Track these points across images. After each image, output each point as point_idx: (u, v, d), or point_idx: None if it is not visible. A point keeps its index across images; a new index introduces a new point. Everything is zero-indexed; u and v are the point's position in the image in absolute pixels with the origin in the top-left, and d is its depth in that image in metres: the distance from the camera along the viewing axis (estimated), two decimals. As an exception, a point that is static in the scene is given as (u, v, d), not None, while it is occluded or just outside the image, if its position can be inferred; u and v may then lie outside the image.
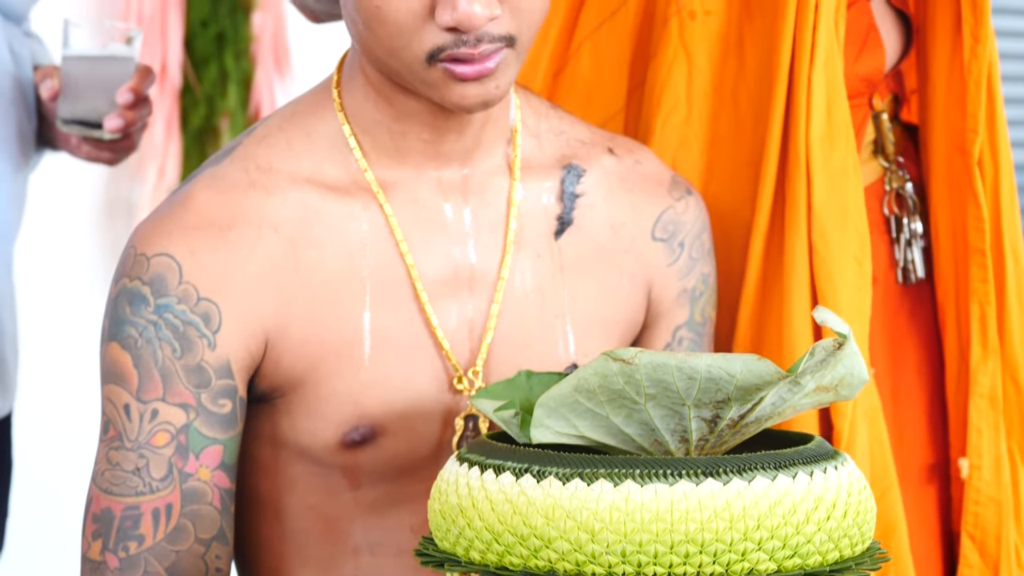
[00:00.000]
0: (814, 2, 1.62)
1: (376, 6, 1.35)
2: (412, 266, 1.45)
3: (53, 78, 2.01)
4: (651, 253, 1.54)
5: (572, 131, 1.55)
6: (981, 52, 1.70)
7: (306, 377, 1.43)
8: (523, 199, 1.49)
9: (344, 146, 1.46)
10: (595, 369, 1.20)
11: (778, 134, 1.63)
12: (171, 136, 3.45)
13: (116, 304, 1.42)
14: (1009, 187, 1.74)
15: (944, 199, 1.75)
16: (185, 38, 3.48)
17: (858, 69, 1.72)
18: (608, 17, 1.72)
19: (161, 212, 1.44)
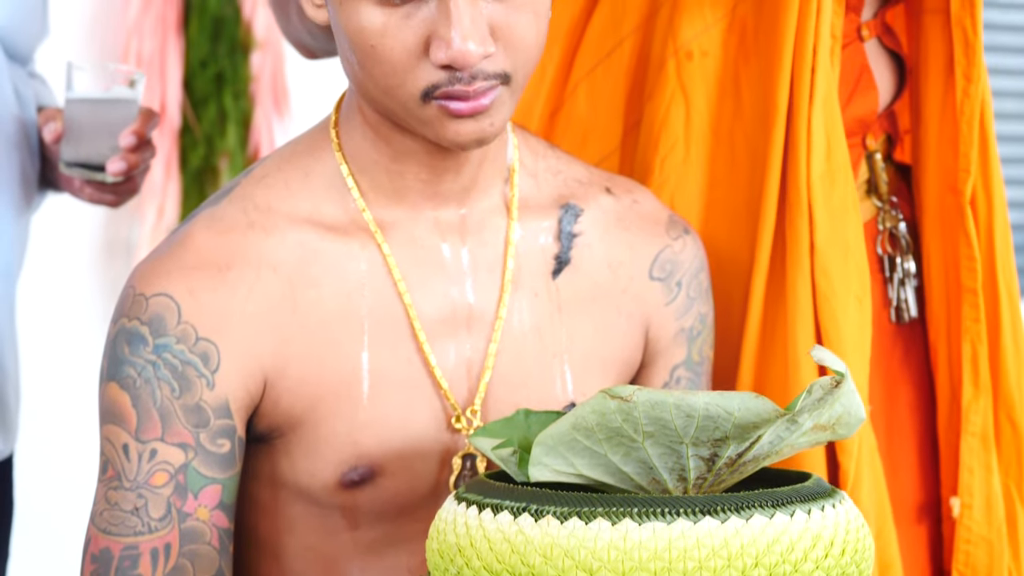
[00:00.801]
0: (811, 43, 1.63)
1: (371, 45, 1.36)
2: (410, 306, 1.45)
3: (56, 121, 2.02)
4: (648, 292, 1.54)
5: (570, 170, 1.56)
6: (973, 92, 1.71)
7: (305, 417, 1.43)
8: (521, 238, 1.50)
9: (342, 186, 1.47)
10: (593, 407, 1.20)
11: (777, 173, 1.64)
12: (170, 176, 3.46)
13: (115, 344, 1.42)
14: (1003, 226, 1.75)
15: (937, 238, 1.75)
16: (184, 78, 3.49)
17: (852, 109, 1.73)
18: (604, 58, 1.73)
19: (160, 252, 1.44)
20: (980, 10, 1.71)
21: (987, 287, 1.73)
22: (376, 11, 1.35)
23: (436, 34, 1.34)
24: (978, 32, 1.71)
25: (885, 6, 1.78)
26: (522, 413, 1.39)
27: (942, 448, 1.75)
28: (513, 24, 1.36)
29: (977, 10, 1.71)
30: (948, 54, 1.73)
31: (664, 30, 1.69)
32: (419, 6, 1.34)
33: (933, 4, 1.74)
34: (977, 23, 1.71)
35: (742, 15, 1.67)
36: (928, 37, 1.75)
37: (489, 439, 1.35)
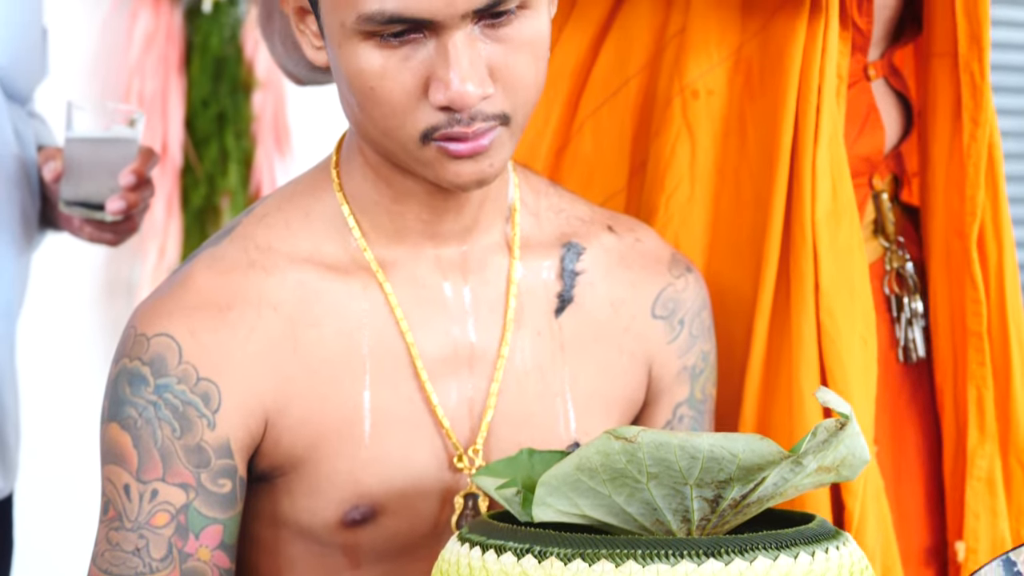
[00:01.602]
0: (816, 83, 1.63)
1: (370, 87, 1.36)
2: (412, 344, 1.45)
3: (56, 160, 2.02)
4: (651, 331, 1.54)
5: (572, 209, 1.56)
6: (980, 136, 1.71)
7: (306, 456, 1.43)
8: (523, 277, 1.50)
9: (343, 226, 1.47)
10: (597, 448, 1.20)
11: (781, 213, 1.64)
12: (172, 215, 3.46)
13: (116, 384, 1.42)
14: (1013, 268, 1.75)
15: (943, 281, 1.75)
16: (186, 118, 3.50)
17: (858, 149, 1.73)
18: (610, 97, 1.73)
19: (161, 292, 1.44)
20: (988, 54, 1.71)
21: (997, 330, 1.73)
22: (375, 53, 1.35)
23: (435, 76, 1.34)
24: (985, 76, 1.71)
25: (892, 47, 1.78)
26: (526, 452, 1.39)
27: (948, 492, 1.75)
28: (512, 65, 1.36)
29: (985, 54, 1.71)
30: (956, 97, 1.73)
31: (670, 69, 1.69)
32: (417, 48, 1.35)
33: (941, 47, 1.74)
34: (985, 67, 1.71)
35: (748, 54, 1.68)
36: (936, 80, 1.75)
37: (492, 478, 1.35)
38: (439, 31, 1.33)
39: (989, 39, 1.71)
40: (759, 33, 1.67)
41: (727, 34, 1.68)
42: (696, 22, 1.68)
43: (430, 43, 1.34)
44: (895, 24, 1.79)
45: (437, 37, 1.34)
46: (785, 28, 1.65)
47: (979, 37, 1.71)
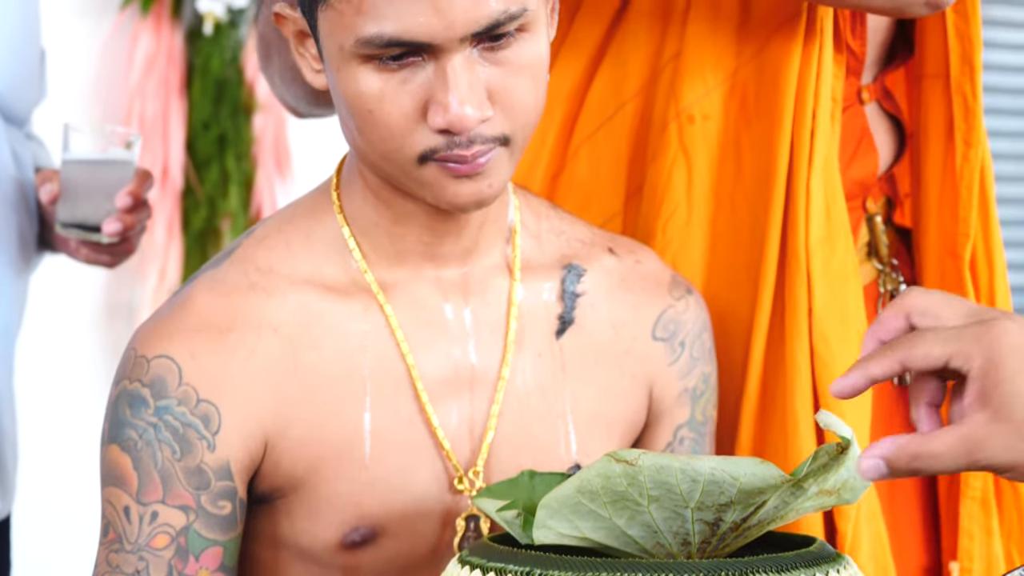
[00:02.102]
0: (811, 107, 1.64)
1: (369, 110, 1.36)
2: (412, 366, 1.45)
3: (52, 182, 2.02)
4: (652, 353, 1.54)
5: (572, 231, 1.56)
6: (973, 156, 1.72)
7: (306, 478, 1.43)
8: (523, 299, 1.50)
9: (343, 247, 1.47)
10: (598, 470, 1.20)
11: (777, 237, 1.64)
12: (172, 238, 3.47)
13: (116, 406, 1.41)
14: (1004, 291, 1.75)
15: None
16: (187, 140, 3.50)
17: (852, 173, 1.73)
18: (606, 121, 1.74)
19: (161, 314, 1.44)
20: (980, 75, 1.72)
21: None
22: (373, 76, 1.35)
23: (433, 99, 1.34)
24: (978, 97, 1.72)
25: (885, 70, 1.79)
26: (526, 474, 1.39)
27: (942, 512, 1.75)
28: (511, 87, 1.36)
29: (977, 75, 1.72)
30: (948, 119, 1.73)
31: (666, 94, 1.70)
32: (416, 71, 1.35)
33: (933, 69, 1.75)
34: (977, 88, 1.72)
35: (743, 79, 1.68)
36: (928, 101, 1.76)
37: (493, 500, 1.35)
38: (438, 54, 1.34)
39: (981, 61, 1.72)
40: (754, 57, 1.67)
41: (722, 58, 1.68)
42: (691, 47, 1.68)
43: (429, 66, 1.34)
44: (887, 47, 1.80)
45: (436, 60, 1.34)
46: (780, 52, 1.65)
47: (971, 58, 1.72)
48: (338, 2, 1.34)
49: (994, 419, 1.13)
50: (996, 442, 1.13)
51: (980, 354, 1.14)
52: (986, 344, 1.14)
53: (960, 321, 1.17)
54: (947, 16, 1.72)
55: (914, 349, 1.16)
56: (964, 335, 1.15)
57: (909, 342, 1.17)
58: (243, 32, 3.52)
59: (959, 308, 1.18)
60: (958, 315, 1.18)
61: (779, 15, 1.66)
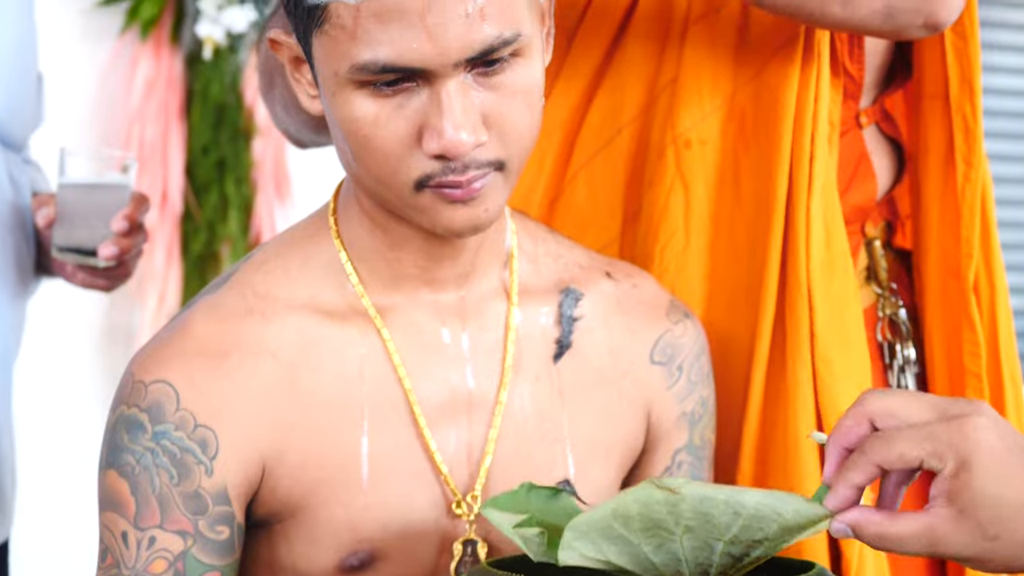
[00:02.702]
0: (810, 131, 1.64)
1: (364, 135, 1.36)
2: (410, 391, 1.45)
3: (49, 206, 2.02)
4: (650, 376, 1.54)
5: (570, 255, 1.56)
6: (974, 177, 1.72)
7: (304, 502, 1.43)
8: (521, 323, 1.50)
9: (341, 272, 1.47)
10: (637, 496, 1.19)
11: (777, 261, 1.64)
12: (172, 262, 3.47)
13: (114, 431, 1.41)
14: (1005, 311, 1.75)
15: (939, 323, 1.75)
16: (186, 164, 3.50)
17: (850, 197, 1.73)
18: (603, 147, 1.74)
19: (159, 339, 1.44)
20: (980, 96, 1.73)
21: (991, 373, 1.73)
22: (368, 101, 1.35)
23: (428, 124, 1.34)
24: (978, 117, 1.72)
25: (884, 93, 1.79)
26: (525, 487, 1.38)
27: None
28: (505, 112, 1.36)
29: (977, 96, 1.72)
30: (948, 139, 1.73)
31: (663, 119, 1.70)
32: (411, 96, 1.35)
33: (932, 90, 1.75)
34: (977, 108, 1.72)
35: (740, 103, 1.68)
36: (927, 122, 1.76)
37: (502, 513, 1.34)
38: (432, 80, 1.34)
39: (980, 81, 1.72)
40: (752, 81, 1.68)
41: (719, 83, 1.68)
42: (688, 71, 1.68)
43: (423, 91, 1.35)
44: (886, 69, 1.80)
45: (430, 86, 1.34)
46: (778, 76, 1.66)
47: (970, 79, 1.72)
48: (332, 28, 1.34)
49: (958, 517, 1.16)
50: (958, 538, 1.16)
51: (954, 455, 1.16)
52: (962, 445, 1.16)
53: (927, 417, 1.19)
54: (946, 37, 1.72)
55: (890, 451, 1.17)
56: (938, 435, 1.17)
57: (883, 444, 1.18)
58: (242, 57, 3.53)
59: (922, 405, 1.20)
60: (923, 412, 1.19)
61: (777, 39, 1.66)
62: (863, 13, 1.57)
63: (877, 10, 1.57)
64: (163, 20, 3.51)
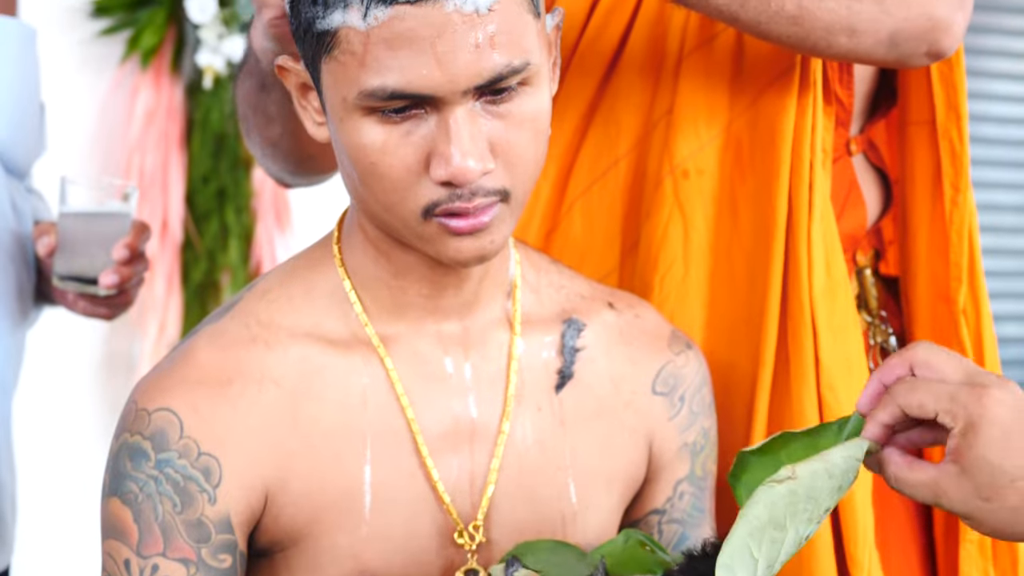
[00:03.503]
0: (808, 158, 1.64)
1: (371, 162, 1.36)
2: (413, 420, 1.45)
3: (50, 235, 2.03)
4: (652, 407, 1.54)
5: (572, 285, 1.56)
6: (962, 202, 1.73)
7: (306, 531, 1.43)
8: (524, 353, 1.50)
9: (344, 301, 1.47)
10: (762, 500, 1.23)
11: (778, 289, 1.64)
12: (172, 291, 3.47)
13: (117, 459, 1.42)
14: (990, 337, 1.76)
15: None
16: (186, 193, 3.51)
17: (842, 226, 1.74)
18: (599, 177, 1.74)
19: (162, 368, 1.45)
20: (966, 121, 1.73)
21: None
22: (376, 128, 1.35)
23: (436, 151, 1.34)
24: (964, 142, 1.73)
25: (870, 122, 1.80)
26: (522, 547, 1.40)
27: (940, 557, 1.75)
28: (513, 141, 1.37)
29: (963, 121, 1.73)
30: (935, 164, 1.74)
31: (659, 149, 1.70)
32: (419, 123, 1.35)
33: (918, 115, 1.76)
34: (963, 133, 1.73)
35: (736, 132, 1.69)
36: (914, 148, 1.77)
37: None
38: (440, 107, 1.34)
39: (966, 106, 1.73)
40: (748, 110, 1.68)
41: (715, 112, 1.69)
42: (684, 101, 1.69)
43: (431, 119, 1.35)
44: (871, 98, 1.81)
45: (438, 113, 1.34)
46: (775, 104, 1.66)
47: (956, 104, 1.73)
48: (342, 54, 1.34)
49: (960, 475, 1.25)
50: (957, 494, 1.26)
51: (965, 418, 1.25)
52: (974, 410, 1.25)
53: (959, 379, 1.28)
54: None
55: (911, 397, 1.28)
56: (957, 396, 1.26)
57: (908, 389, 1.29)
58: (243, 86, 3.53)
59: (959, 366, 1.29)
60: (957, 373, 1.28)
61: (773, 68, 1.67)
62: (868, 43, 1.58)
63: (882, 40, 1.58)
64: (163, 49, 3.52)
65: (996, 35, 4.54)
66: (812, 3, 1.55)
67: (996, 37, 4.55)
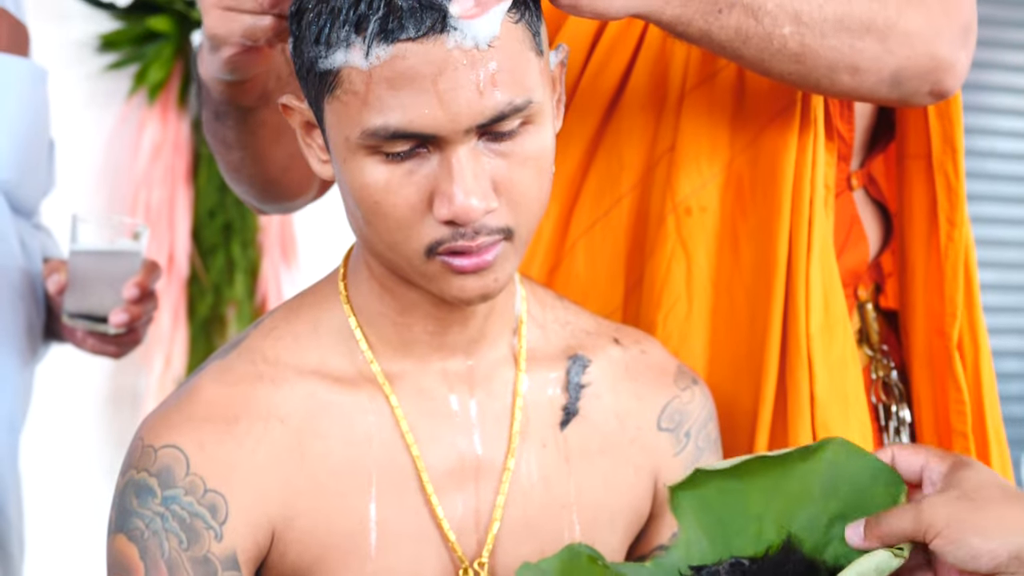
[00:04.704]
0: (808, 195, 1.64)
1: (375, 201, 1.37)
2: (418, 457, 1.45)
3: (60, 272, 2.03)
4: (657, 443, 1.54)
5: (578, 321, 1.56)
6: (957, 236, 1.73)
7: (312, 568, 1.43)
8: (529, 390, 1.50)
9: (350, 338, 1.47)
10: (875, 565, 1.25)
11: (778, 326, 1.64)
12: (178, 325, 3.47)
13: (123, 495, 1.42)
14: (989, 371, 1.76)
15: (926, 382, 1.76)
16: (192, 228, 3.51)
17: (844, 261, 1.74)
18: (602, 216, 1.74)
19: (168, 404, 1.45)
20: (962, 155, 1.73)
21: (976, 431, 1.74)
22: (380, 167, 1.36)
23: (439, 190, 1.35)
24: (960, 176, 1.73)
25: (870, 156, 1.80)
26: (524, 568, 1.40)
27: None
28: (516, 180, 1.37)
29: (959, 155, 1.73)
30: (931, 198, 1.75)
31: (662, 187, 1.70)
32: (422, 162, 1.36)
33: (915, 149, 1.76)
34: (959, 168, 1.73)
35: (738, 169, 1.69)
36: (911, 181, 1.77)
37: None
38: (443, 146, 1.34)
39: (963, 140, 1.73)
40: (749, 147, 1.68)
41: (717, 150, 1.69)
42: (686, 139, 1.69)
43: (434, 158, 1.35)
44: (871, 132, 1.81)
45: (441, 152, 1.35)
46: (776, 141, 1.66)
47: (952, 138, 1.73)
48: (344, 94, 1.35)
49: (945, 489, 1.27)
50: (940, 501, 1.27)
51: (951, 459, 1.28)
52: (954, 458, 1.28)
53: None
54: None
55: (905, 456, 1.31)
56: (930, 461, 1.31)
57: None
58: (249, 121, 3.54)
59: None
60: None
61: (774, 104, 1.67)
62: (871, 82, 1.58)
63: (884, 79, 1.58)
64: (170, 84, 3.53)
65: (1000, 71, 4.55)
66: (814, 41, 1.55)
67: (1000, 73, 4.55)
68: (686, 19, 1.51)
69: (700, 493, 1.37)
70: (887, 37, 1.57)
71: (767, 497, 1.33)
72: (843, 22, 1.55)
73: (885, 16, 1.56)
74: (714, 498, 1.36)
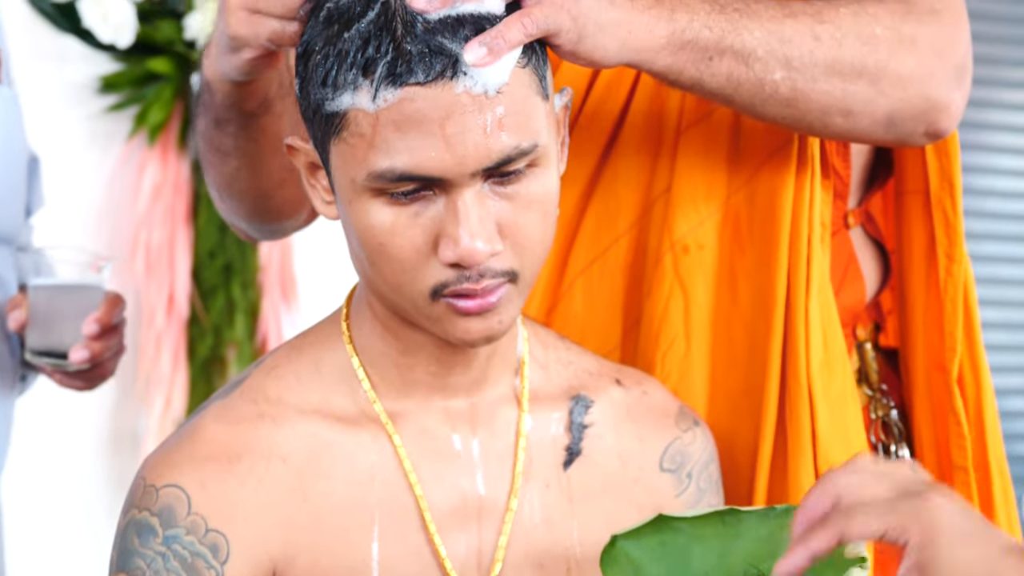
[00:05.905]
0: (806, 233, 1.64)
1: (380, 243, 1.37)
2: (421, 497, 1.45)
3: (21, 308, 1.98)
4: (659, 484, 1.54)
5: (580, 362, 1.56)
6: (956, 271, 1.73)
7: (314, 608, 1.43)
8: (531, 430, 1.50)
9: (353, 378, 1.47)
10: None
11: (777, 364, 1.64)
12: (178, 366, 3.46)
13: (125, 535, 1.41)
14: (991, 406, 1.76)
15: (926, 418, 1.76)
16: (193, 268, 3.51)
17: (842, 299, 1.74)
18: (600, 255, 1.74)
19: (170, 444, 1.45)
20: (959, 190, 1.74)
21: (978, 467, 1.74)
22: (385, 209, 1.36)
23: (444, 232, 1.35)
24: (958, 212, 1.73)
25: (867, 194, 1.80)
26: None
27: None
28: (521, 223, 1.37)
29: (956, 191, 1.73)
30: (929, 233, 1.75)
31: (659, 226, 1.70)
32: (427, 205, 1.36)
33: (913, 185, 1.76)
34: (957, 203, 1.73)
35: (735, 206, 1.69)
36: (909, 217, 1.77)
37: None
38: (449, 188, 1.35)
39: (960, 175, 1.73)
40: (746, 185, 1.68)
41: (714, 188, 1.69)
42: (682, 178, 1.69)
43: (440, 200, 1.35)
44: (868, 170, 1.81)
45: (447, 194, 1.35)
46: (773, 179, 1.66)
47: (950, 174, 1.73)
48: (351, 136, 1.35)
49: None
50: None
51: (917, 531, 1.20)
52: (923, 519, 1.20)
53: (890, 494, 1.23)
54: None
55: (852, 521, 1.21)
56: (899, 509, 1.21)
57: (846, 515, 1.22)
58: (250, 162, 3.54)
59: (884, 481, 1.24)
60: (885, 488, 1.23)
61: (770, 143, 1.67)
62: (865, 124, 1.58)
63: (879, 121, 1.58)
64: (171, 125, 3.53)
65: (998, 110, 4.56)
66: (806, 85, 1.56)
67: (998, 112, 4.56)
68: (677, 68, 1.51)
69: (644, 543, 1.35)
70: (879, 80, 1.57)
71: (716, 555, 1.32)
72: (834, 67, 1.55)
73: (876, 59, 1.57)
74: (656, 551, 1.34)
